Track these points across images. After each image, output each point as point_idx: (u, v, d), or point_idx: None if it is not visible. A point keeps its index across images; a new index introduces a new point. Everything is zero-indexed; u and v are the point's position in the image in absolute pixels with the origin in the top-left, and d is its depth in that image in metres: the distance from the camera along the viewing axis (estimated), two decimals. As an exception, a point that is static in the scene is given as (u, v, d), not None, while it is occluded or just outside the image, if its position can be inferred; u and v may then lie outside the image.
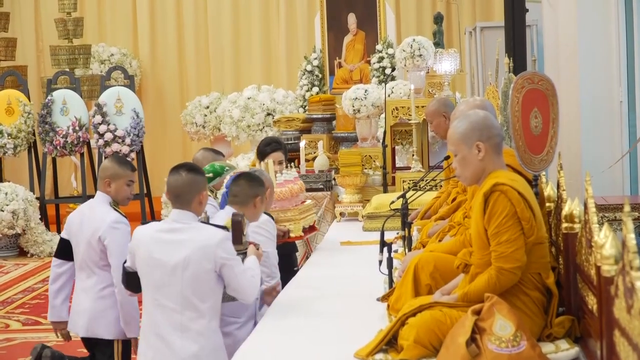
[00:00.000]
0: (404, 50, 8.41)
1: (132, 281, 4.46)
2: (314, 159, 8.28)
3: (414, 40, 8.51)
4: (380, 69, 10.54)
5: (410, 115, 7.65)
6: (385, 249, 4.60)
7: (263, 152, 6.58)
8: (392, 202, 5.38)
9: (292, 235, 5.98)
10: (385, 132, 7.87)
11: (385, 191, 7.47)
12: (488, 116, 3.81)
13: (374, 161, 8.00)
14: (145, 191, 11.90)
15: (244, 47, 14.76)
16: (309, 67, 11.03)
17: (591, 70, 8.96)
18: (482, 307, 3.42)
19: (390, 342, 3.65)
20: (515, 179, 3.69)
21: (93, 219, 5.14)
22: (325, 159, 8.25)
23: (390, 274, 4.58)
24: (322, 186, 8.11)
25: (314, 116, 9.70)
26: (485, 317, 3.39)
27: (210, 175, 5.44)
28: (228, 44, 14.75)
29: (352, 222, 7.26)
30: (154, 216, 12.01)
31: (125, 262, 4.51)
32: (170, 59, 14.86)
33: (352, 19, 10.76)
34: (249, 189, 4.85)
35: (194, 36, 14.82)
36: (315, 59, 10.99)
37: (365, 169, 7.85)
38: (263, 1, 14.76)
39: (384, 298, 4.43)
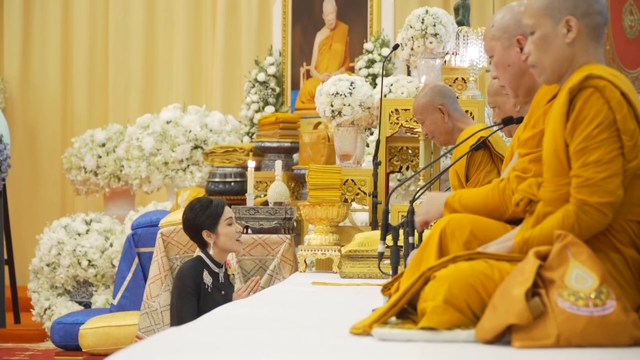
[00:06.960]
0: (411, 27, 6.01)
1: None
2: (264, 203, 6.07)
3: (427, 12, 6.05)
4: (370, 77, 7.52)
5: (415, 122, 5.45)
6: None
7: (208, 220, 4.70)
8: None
9: None
10: (378, 143, 5.61)
11: (374, 228, 5.39)
12: None
13: (359, 187, 5.70)
14: (6, 257, 8.24)
15: (161, 56, 10.55)
16: (261, 77, 7.95)
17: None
18: (550, 251, 2.40)
19: (403, 312, 2.59)
20: (618, 75, 2.62)
21: None
22: (284, 188, 5.90)
23: (395, 263, 3.35)
24: (277, 224, 5.81)
25: (267, 144, 7.11)
26: (554, 265, 2.39)
27: None
28: (137, 54, 10.53)
29: (323, 275, 5.17)
30: (16, 295, 8.24)
31: None
32: (50, 78, 10.60)
33: (329, 7, 7.97)
34: None
35: (87, 46, 10.60)
36: (272, 64, 7.98)
37: (347, 197, 5.67)
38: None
39: (385, 289, 2.99)
